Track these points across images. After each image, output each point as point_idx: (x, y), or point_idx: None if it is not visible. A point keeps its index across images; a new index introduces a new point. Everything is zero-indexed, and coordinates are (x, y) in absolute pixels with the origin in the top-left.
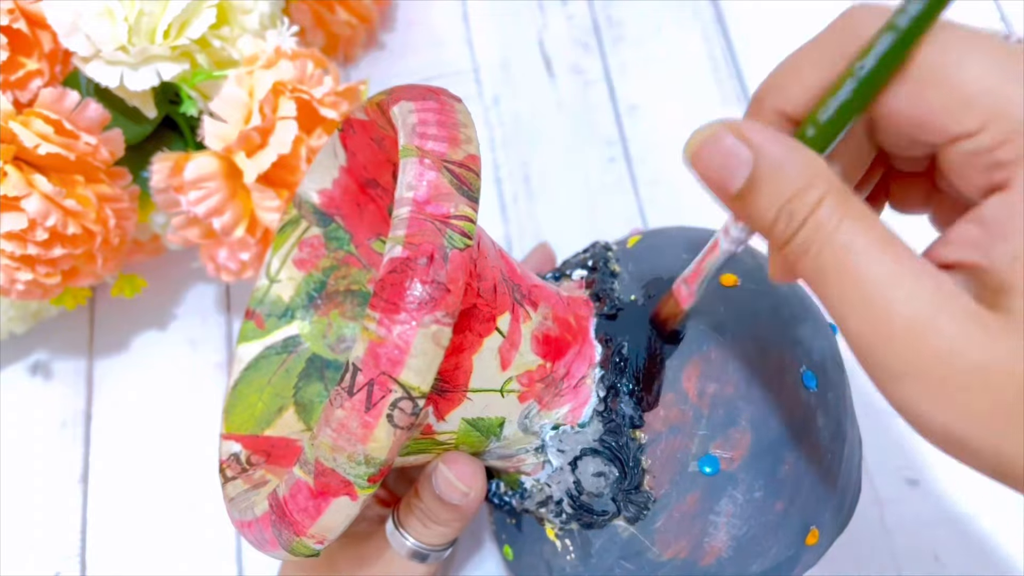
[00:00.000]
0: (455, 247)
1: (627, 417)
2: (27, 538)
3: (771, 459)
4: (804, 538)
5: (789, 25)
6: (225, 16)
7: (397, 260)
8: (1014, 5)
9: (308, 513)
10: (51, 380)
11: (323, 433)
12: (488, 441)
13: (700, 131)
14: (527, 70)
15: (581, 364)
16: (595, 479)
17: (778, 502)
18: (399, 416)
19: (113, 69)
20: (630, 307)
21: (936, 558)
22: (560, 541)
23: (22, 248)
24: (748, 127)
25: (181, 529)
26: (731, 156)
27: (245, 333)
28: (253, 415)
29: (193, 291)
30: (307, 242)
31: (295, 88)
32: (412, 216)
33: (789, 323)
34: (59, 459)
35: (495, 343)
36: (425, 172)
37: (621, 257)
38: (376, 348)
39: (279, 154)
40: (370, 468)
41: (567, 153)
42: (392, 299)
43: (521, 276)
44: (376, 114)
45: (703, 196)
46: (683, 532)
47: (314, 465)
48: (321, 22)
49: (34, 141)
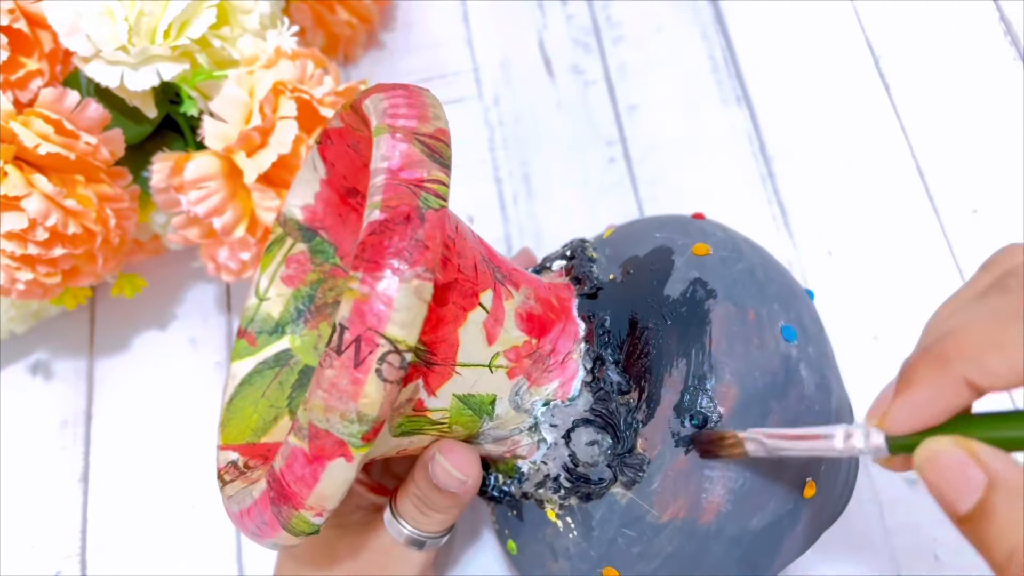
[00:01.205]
0: (430, 207)
1: (614, 383)
2: (27, 537)
3: (759, 410)
4: (802, 490)
5: (789, 25)
6: (225, 16)
7: (375, 223)
8: (1014, 5)
9: (305, 481)
10: (52, 380)
11: (315, 395)
12: (481, 421)
13: (934, 441)
14: (527, 70)
15: (566, 340)
16: (589, 448)
17: None
18: (388, 370)
19: (113, 69)
20: (609, 285)
21: (936, 558)
22: (561, 520)
23: (22, 248)
24: (987, 452)
25: (181, 529)
26: (964, 477)
27: (238, 351)
28: (249, 426)
29: (193, 291)
30: (293, 258)
31: (295, 88)
32: (387, 182)
33: (764, 284)
34: (60, 459)
35: (479, 317)
36: (397, 144)
37: (598, 246)
38: (361, 305)
39: (279, 154)
40: (363, 426)
41: (567, 153)
42: (373, 258)
43: (501, 260)
44: (350, 116)
45: (703, 196)
46: (680, 491)
47: (308, 429)
48: (321, 22)
49: (34, 141)
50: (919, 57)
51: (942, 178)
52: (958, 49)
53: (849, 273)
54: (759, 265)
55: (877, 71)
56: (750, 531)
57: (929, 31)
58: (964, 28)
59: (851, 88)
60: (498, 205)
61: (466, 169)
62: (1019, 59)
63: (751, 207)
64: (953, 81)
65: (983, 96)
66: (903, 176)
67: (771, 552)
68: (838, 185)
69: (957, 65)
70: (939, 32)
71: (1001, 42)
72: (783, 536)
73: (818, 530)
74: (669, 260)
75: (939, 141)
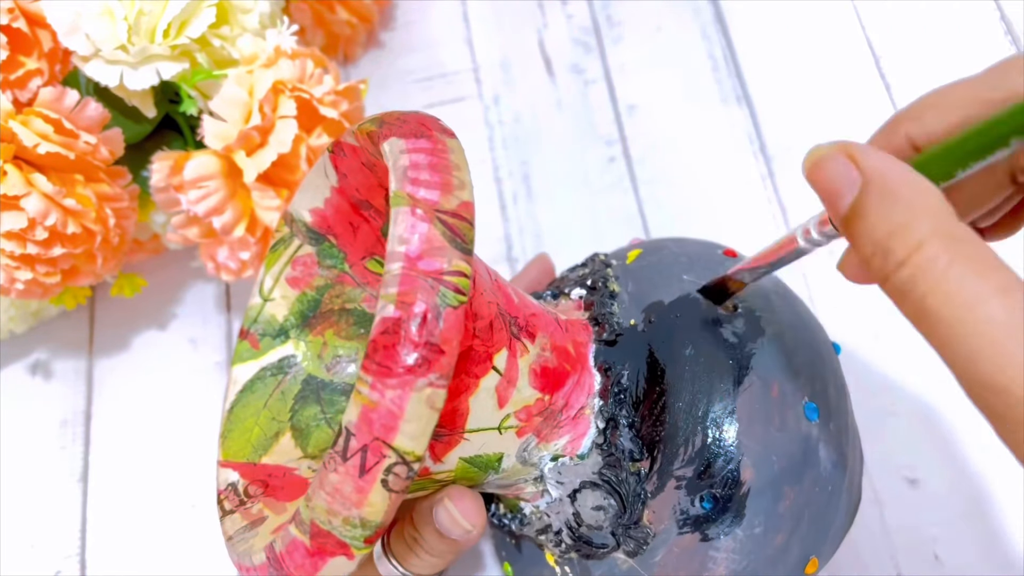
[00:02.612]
0: (449, 305)
1: (627, 451)
2: (27, 537)
3: (772, 494)
4: (803, 568)
5: (789, 25)
6: (225, 15)
7: (389, 320)
8: (1014, 5)
9: (305, 570)
10: (51, 379)
11: (318, 496)
12: (486, 475)
13: (819, 147)
14: (527, 70)
15: (580, 394)
16: (594, 512)
17: (778, 536)
18: (394, 481)
19: (113, 68)
20: (630, 332)
21: (936, 558)
22: (560, 568)
23: (22, 247)
24: (863, 151)
25: (181, 529)
26: (842, 176)
27: (240, 354)
28: (250, 440)
29: (193, 290)
30: (300, 260)
31: (295, 87)
32: (404, 273)
33: (792, 353)
34: (59, 458)
35: (492, 382)
36: (417, 224)
37: (620, 275)
38: (369, 413)
39: (279, 153)
40: (366, 531)
41: (567, 153)
42: (384, 362)
43: (518, 308)
44: (366, 142)
45: (703, 196)
46: (682, 567)
47: (310, 526)
48: (321, 21)
49: (34, 140)
50: (919, 57)
51: None
52: (958, 49)
53: None
54: (788, 327)
55: (877, 71)
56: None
57: (929, 31)
58: (964, 28)
59: (851, 88)
60: (498, 205)
61: None
62: None
63: (751, 207)
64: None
65: None
66: None
67: None
68: None
69: (957, 65)
70: (939, 32)
71: (1001, 42)
72: None
73: None
74: (696, 315)
75: None
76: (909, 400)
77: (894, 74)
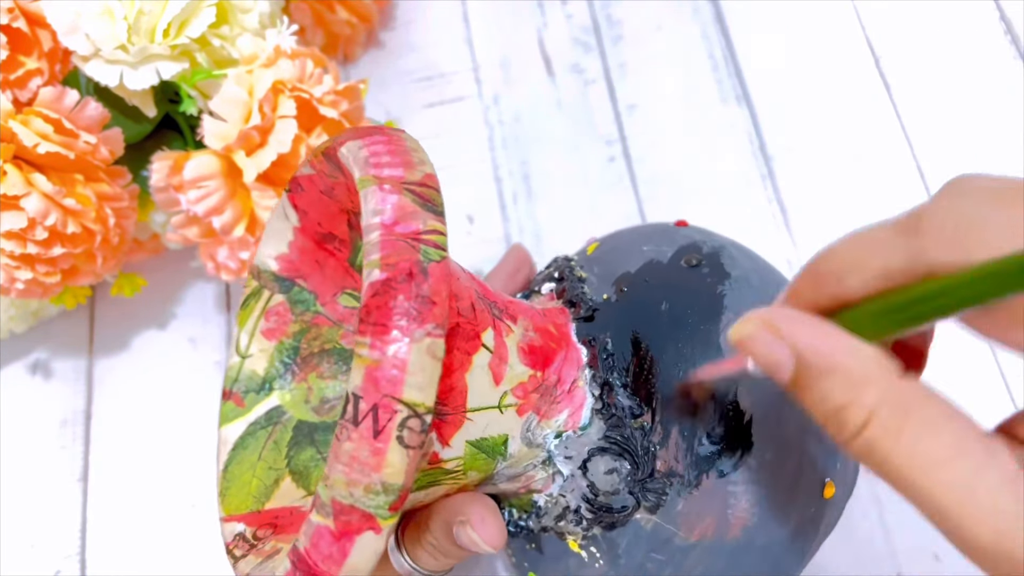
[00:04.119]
0: (432, 260)
1: (626, 408)
2: (27, 537)
3: (774, 419)
4: (822, 492)
5: (789, 25)
6: (225, 15)
7: (377, 283)
8: (1014, 5)
9: (333, 559)
10: (51, 379)
11: (335, 470)
12: (495, 462)
13: (744, 322)
14: (527, 70)
15: (570, 368)
16: (608, 477)
17: (789, 459)
18: (409, 436)
19: (113, 68)
20: (605, 306)
21: (936, 558)
22: (585, 551)
23: (22, 247)
24: (789, 322)
25: (181, 529)
26: (772, 355)
27: (225, 414)
28: (250, 493)
29: (193, 290)
30: (272, 311)
31: (295, 87)
32: (383, 239)
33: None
34: (59, 458)
35: (484, 359)
36: (387, 196)
37: (584, 264)
38: (373, 372)
39: (279, 153)
40: (389, 496)
41: (567, 152)
42: (380, 320)
43: (495, 295)
44: (322, 163)
45: (703, 195)
46: (705, 510)
47: (331, 506)
48: (321, 21)
49: (34, 140)
50: (919, 57)
51: (942, 178)
52: (958, 49)
53: None
54: (752, 271)
55: (877, 71)
56: (778, 540)
57: (929, 31)
58: (964, 28)
59: (851, 88)
60: (498, 205)
61: (466, 169)
62: (1019, 59)
63: (751, 207)
64: (953, 81)
65: (983, 96)
66: (903, 176)
67: (800, 557)
68: (838, 185)
69: (957, 65)
70: (939, 32)
71: (1001, 42)
72: (808, 540)
73: (831, 526)
74: (663, 273)
75: (939, 141)
76: None
77: (894, 74)
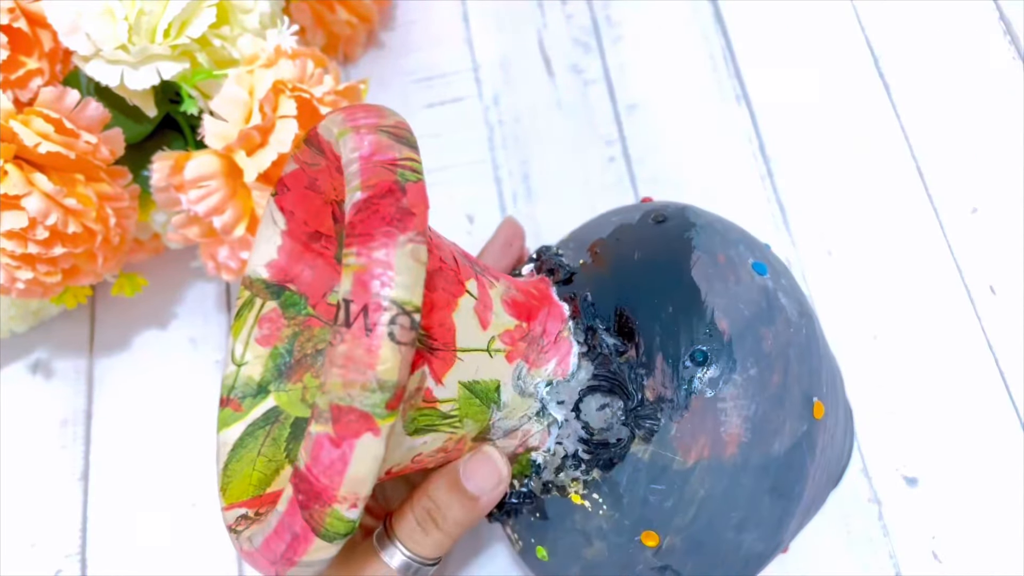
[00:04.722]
0: (409, 180)
1: (611, 346)
2: (28, 536)
3: (752, 337)
4: (811, 411)
5: (789, 25)
6: (225, 15)
7: (359, 202)
8: (1014, 5)
9: (335, 467)
10: (52, 379)
11: (331, 374)
12: (489, 410)
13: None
14: (527, 70)
15: (555, 322)
16: (601, 413)
17: (774, 375)
18: (400, 332)
19: (113, 68)
20: (581, 268)
21: (936, 558)
22: (587, 500)
23: (22, 247)
24: None
25: (181, 528)
26: None
27: (224, 420)
28: (251, 483)
29: (193, 290)
30: (265, 318)
31: (295, 87)
32: (362, 167)
33: (725, 232)
34: (60, 458)
35: (469, 303)
36: (364, 136)
37: (560, 246)
38: (361, 276)
39: (279, 153)
40: (384, 393)
41: (567, 153)
42: (364, 231)
43: (475, 259)
44: (304, 153)
45: (702, 195)
46: (698, 430)
47: (330, 411)
48: (321, 21)
49: (34, 140)
50: (919, 57)
51: (942, 177)
52: (958, 49)
53: (849, 273)
54: (716, 220)
55: (877, 71)
56: (774, 458)
57: (929, 31)
58: (964, 28)
59: (851, 88)
60: (498, 205)
61: (466, 169)
62: (1019, 59)
63: (751, 207)
64: (953, 81)
65: (983, 96)
66: (903, 176)
67: (799, 478)
68: (838, 185)
69: (957, 65)
70: (939, 32)
71: (1001, 42)
72: (805, 459)
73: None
74: (633, 231)
75: (939, 141)
76: (909, 400)
77: (894, 74)
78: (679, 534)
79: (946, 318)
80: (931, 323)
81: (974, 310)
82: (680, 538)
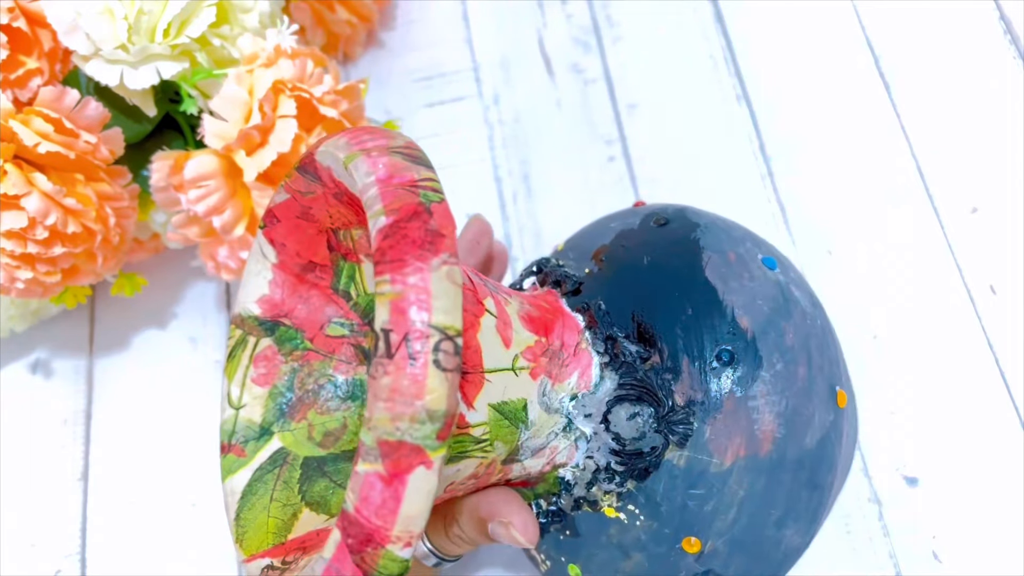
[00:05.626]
0: (433, 201)
1: (634, 353)
2: (28, 536)
3: (774, 332)
4: (835, 400)
5: (789, 25)
6: (225, 15)
7: (386, 227)
8: (1014, 5)
9: (387, 506)
10: (51, 378)
11: (376, 408)
12: (518, 431)
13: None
14: (527, 69)
15: (571, 334)
16: (631, 422)
17: (799, 368)
18: (445, 359)
19: (113, 68)
20: (588, 278)
21: (936, 558)
22: (623, 512)
23: (22, 246)
24: None
25: (181, 528)
26: None
27: (228, 467)
28: (268, 531)
29: (193, 289)
30: (261, 357)
31: (295, 87)
32: (382, 191)
33: (729, 230)
34: (59, 457)
35: (491, 323)
36: (377, 159)
37: (559, 256)
38: (398, 303)
39: (279, 152)
40: (435, 423)
41: (567, 152)
42: (395, 257)
43: (485, 277)
44: (296, 181)
45: (702, 196)
46: (733, 429)
47: (378, 448)
48: (321, 21)
49: (34, 140)
50: (919, 57)
51: (942, 177)
52: (958, 49)
53: (849, 272)
54: (717, 219)
55: (877, 71)
56: (808, 450)
57: (929, 31)
58: (964, 28)
59: (851, 88)
60: (498, 204)
61: (466, 168)
62: (1019, 59)
63: (751, 206)
64: (953, 81)
65: (983, 96)
66: (903, 175)
67: (829, 468)
68: (838, 184)
69: (957, 65)
70: (939, 32)
71: (1001, 42)
72: (834, 448)
73: (849, 464)
74: (636, 236)
75: (939, 140)
76: (909, 400)
77: (894, 74)
78: (721, 537)
79: (946, 318)
80: (931, 323)
81: (974, 310)
82: (722, 540)
